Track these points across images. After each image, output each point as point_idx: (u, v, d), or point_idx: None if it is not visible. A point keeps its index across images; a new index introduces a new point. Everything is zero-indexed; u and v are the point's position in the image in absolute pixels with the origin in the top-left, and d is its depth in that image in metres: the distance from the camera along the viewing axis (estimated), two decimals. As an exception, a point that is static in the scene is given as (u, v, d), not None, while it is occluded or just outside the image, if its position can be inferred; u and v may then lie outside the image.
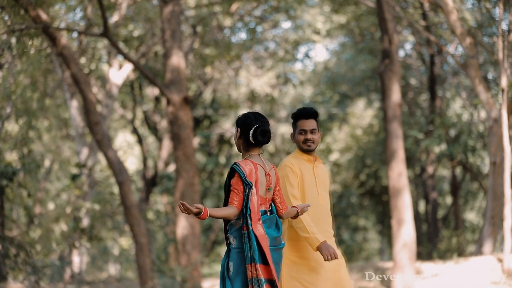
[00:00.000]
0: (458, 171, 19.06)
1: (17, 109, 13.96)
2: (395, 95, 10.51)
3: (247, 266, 3.77)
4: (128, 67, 15.49)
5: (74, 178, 13.22)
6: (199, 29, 16.72)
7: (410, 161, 18.63)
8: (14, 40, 10.16)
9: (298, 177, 4.41)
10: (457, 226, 17.21)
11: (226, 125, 19.79)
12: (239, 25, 17.82)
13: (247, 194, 3.78)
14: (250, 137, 3.88)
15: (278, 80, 18.95)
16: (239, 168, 3.80)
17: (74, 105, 15.15)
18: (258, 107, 19.50)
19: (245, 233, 3.78)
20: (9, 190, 12.00)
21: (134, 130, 18.92)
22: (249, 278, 3.75)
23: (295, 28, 18.01)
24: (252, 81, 18.13)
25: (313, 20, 17.69)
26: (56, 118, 18.35)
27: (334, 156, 21.44)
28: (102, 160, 19.24)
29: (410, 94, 19.56)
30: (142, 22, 15.93)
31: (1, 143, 12.98)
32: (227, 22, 17.04)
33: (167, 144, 18.25)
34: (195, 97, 18.87)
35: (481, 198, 20.74)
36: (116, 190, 16.54)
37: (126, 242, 21.71)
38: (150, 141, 23.37)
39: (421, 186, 20.28)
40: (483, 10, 13.38)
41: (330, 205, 4.60)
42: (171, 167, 18.07)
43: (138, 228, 10.49)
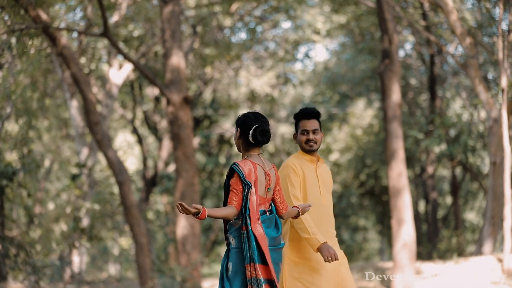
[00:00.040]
0: (458, 171, 19.06)
1: (17, 109, 13.95)
2: (395, 95, 10.51)
3: (246, 266, 3.77)
4: (128, 67, 15.49)
5: (74, 178, 13.22)
6: (199, 29, 16.72)
7: (410, 161, 18.63)
8: (14, 40, 10.16)
9: (300, 177, 4.40)
10: (457, 226, 17.20)
11: (226, 125, 19.78)
12: (239, 25, 17.82)
13: (246, 194, 3.78)
14: (250, 137, 3.88)
15: (278, 80, 18.95)
16: (238, 168, 3.80)
17: (74, 105, 15.15)
18: (258, 107, 19.50)
19: (244, 233, 3.78)
20: (9, 190, 12.00)
21: (134, 130, 18.92)
22: (248, 278, 3.75)
23: (295, 28, 18.01)
24: (252, 81, 18.12)
25: (313, 20, 17.68)
26: (56, 118, 18.34)
27: (334, 156, 21.44)
28: (102, 160, 19.24)
29: (410, 94, 19.56)
30: (142, 22, 15.93)
31: (1, 143, 12.98)
32: (227, 22, 17.04)
33: (167, 144, 18.24)
34: (195, 97, 18.87)
35: (481, 198, 20.73)
36: (116, 190, 16.54)
37: (126, 242, 21.70)
38: (150, 141, 23.37)
39: (421, 186, 20.27)
40: (483, 10, 13.38)
41: (332, 205, 4.59)
42: (171, 167, 18.06)
43: (138, 228, 10.49)
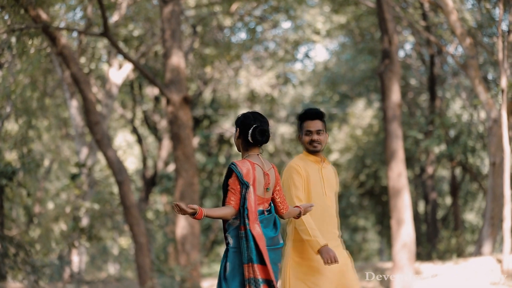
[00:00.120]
0: (458, 172, 19.06)
1: (16, 108, 13.95)
2: (395, 96, 10.51)
3: (244, 266, 3.76)
4: (128, 67, 15.50)
5: (73, 177, 13.23)
6: (199, 29, 16.72)
7: (410, 161, 18.63)
8: (14, 39, 10.16)
9: (303, 178, 4.38)
10: (456, 226, 17.20)
11: (226, 125, 19.77)
12: (239, 25, 17.81)
13: (244, 194, 3.78)
14: (249, 136, 3.87)
15: (278, 80, 18.95)
16: (236, 168, 3.80)
17: (74, 104, 15.15)
18: (258, 107, 19.50)
19: (242, 233, 3.78)
20: (8, 190, 12.00)
21: (134, 130, 18.92)
22: (246, 278, 3.75)
23: (295, 28, 18.00)
24: (252, 81, 18.12)
25: (313, 20, 17.68)
26: (55, 118, 18.35)
27: (334, 156, 21.44)
28: (102, 159, 19.23)
29: (410, 94, 19.57)
30: (142, 22, 15.93)
31: (1, 143, 12.98)
32: (227, 22, 17.04)
33: (167, 143, 18.24)
34: (195, 97, 18.87)
35: (480, 198, 20.74)
36: (115, 189, 16.53)
37: (125, 241, 21.70)
38: (150, 140, 23.37)
39: (420, 186, 20.27)
40: (483, 10, 13.38)
41: (336, 206, 4.58)
42: (171, 167, 18.06)
43: (138, 227, 10.49)
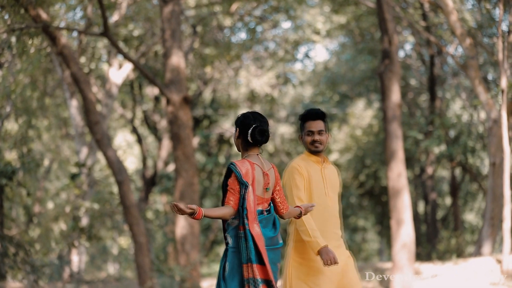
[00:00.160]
0: (458, 172, 19.06)
1: (16, 108, 13.96)
2: (395, 96, 10.51)
3: (243, 266, 3.76)
4: (128, 67, 15.50)
5: (73, 177, 13.23)
6: (199, 29, 16.72)
7: (410, 161, 18.63)
8: (14, 39, 10.16)
9: (305, 178, 4.38)
10: (456, 227, 17.21)
11: (226, 125, 19.77)
12: (239, 25, 17.81)
13: (243, 194, 3.78)
14: (249, 136, 3.88)
15: (278, 80, 18.95)
16: (235, 168, 3.81)
17: (74, 104, 15.15)
18: (258, 107, 19.50)
19: (241, 233, 3.78)
20: (8, 189, 12.00)
21: (134, 130, 18.92)
22: (245, 278, 3.75)
23: (295, 28, 18.00)
24: (252, 81, 18.12)
25: (313, 20, 17.68)
26: (55, 117, 18.35)
27: (334, 156, 21.45)
28: (102, 159, 19.24)
29: (410, 94, 19.57)
30: (142, 21, 15.93)
31: (0, 142, 12.98)
32: (227, 22, 17.04)
33: (167, 143, 18.24)
34: (195, 97, 18.87)
35: (480, 199, 20.74)
36: (115, 189, 16.53)
37: (125, 241, 21.71)
38: (150, 140, 23.37)
39: (420, 186, 20.27)
40: (483, 11, 13.38)
41: (339, 206, 4.58)
42: (171, 167, 18.06)
43: (137, 227, 10.49)
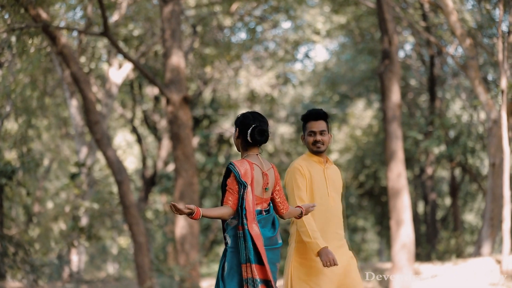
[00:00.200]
0: (458, 172, 19.06)
1: (16, 107, 13.95)
2: (395, 96, 10.51)
3: (242, 266, 3.76)
4: (128, 67, 15.49)
5: (73, 177, 13.22)
6: (199, 29, 16.72)
7: (410, 162, 18.63)
8: (14, 38, 10.17)
9: (306, 179, 4.38)
10: (456, 227, 17.20)
11: (226, 125, 19.77)
12: (239, 25, 17.82)
13: (242, 194, 3.78)
14: (248, 136, 3.88)
15: (278, 80, 18.95)
16: (234, 168, 3.81)
17: (74, 104, 15.15)
18: (258, 107, 19.50)
19: (240, 232, 3.78)
20: (8, 189, 12.00)
21: (134, 130, 18.92)
22: (244, 278, 3.75)
23: (295, 28, 18.00)
24: (252, 81, 18.12)
25: (313, 20, 17.68)
26: (55, 117, 18.35)
27: (334, 156, 21.45)
28: (102, 159, 19.24)
29: (410, 95, 19.56)
30: (142, 21, 15.93)
31: (0, 142, 12.98)
32: (227, 22, 17.04)
33: (167, 143, 18.24)
34: (195, 96, 18.86)
35: (480, 199, 20.74)
36: (115, 189, 16.53)
37: (124, 241, 21.71)
38: (150, 140, 23.37)
39: (420, 187, 20.27)
40: (483, 11, 13.37)
41: (343, 206, 4.57)
42: (170, 167, 18.06)
43: (137, 227, 10.49)
